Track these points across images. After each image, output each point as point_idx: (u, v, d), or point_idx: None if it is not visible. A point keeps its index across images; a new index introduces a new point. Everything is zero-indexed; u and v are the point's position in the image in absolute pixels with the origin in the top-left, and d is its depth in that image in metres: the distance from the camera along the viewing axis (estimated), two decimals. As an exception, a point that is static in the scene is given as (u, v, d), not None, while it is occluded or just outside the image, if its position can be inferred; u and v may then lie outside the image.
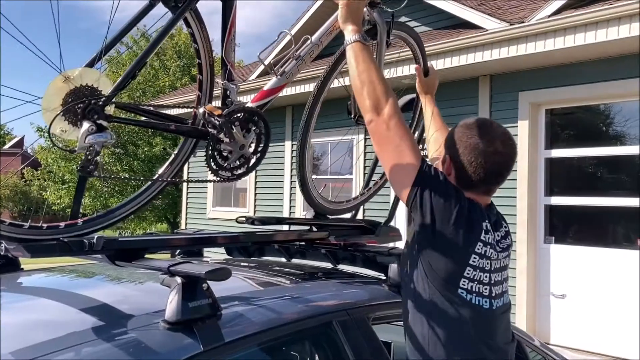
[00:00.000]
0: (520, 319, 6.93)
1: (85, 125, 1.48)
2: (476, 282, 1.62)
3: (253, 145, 1.94)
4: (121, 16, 1.70)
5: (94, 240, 1.58)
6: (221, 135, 1.82)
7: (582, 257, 6.72)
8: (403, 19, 8.74)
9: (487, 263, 1.64)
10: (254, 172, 2.20)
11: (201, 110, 1.85)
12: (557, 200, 7.06)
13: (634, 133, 6.65)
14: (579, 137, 7.13)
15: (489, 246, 1.64)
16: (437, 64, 7.23)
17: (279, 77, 2.07)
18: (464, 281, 1.61)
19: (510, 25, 6.68)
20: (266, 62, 2.11)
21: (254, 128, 1.93)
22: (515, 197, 7.06)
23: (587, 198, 6.79)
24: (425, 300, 1.66)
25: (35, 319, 1.58)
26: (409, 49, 2.68)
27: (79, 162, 1.55)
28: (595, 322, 6.53)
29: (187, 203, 12.38)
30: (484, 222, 1.65)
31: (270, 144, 2.02)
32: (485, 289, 1.64)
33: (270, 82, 2.07)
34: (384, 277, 2.25)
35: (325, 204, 2.44)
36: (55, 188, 21.18)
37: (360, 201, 2.70)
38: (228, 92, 1.92)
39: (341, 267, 2.57)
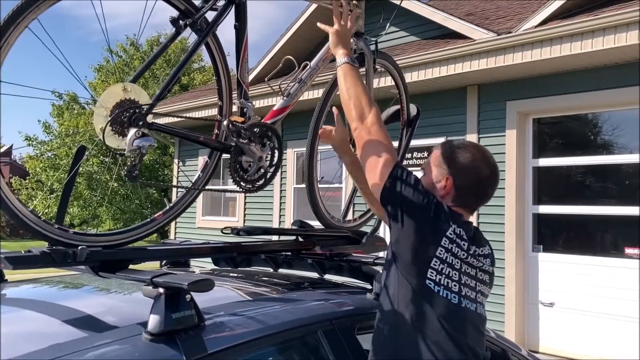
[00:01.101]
0: (509, 327, 6.95)
1: (132, 130, 1.65)
2: (444, 276, 1.69)
3: (269, 159, 2.12)
4: (110, 25, 1.83)
5: (78, 251, 1.58)
6: (244, 142, 1.99)
7: (570, 265, 6.76)
8: (393, 29, 8.79)
9: (457, 262, 1.71)
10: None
11: (225, 122, 2.00)
12: (545, 209, 7.10)
13: (621, 142, 6.72)
14: (567, 146, 7.19)
15: (455, 244, 1.71)
16: (426, 74, 7.30)
17: (285, 98, 2.27)
18: (432, 272, 1.69)
19: (498, 35, 6.74)
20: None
21: (269, 143, 2.11)
22: (504, 205, 7.10)
23: (575, 207, 6.84)
24: (395, 289, 1.75)
25: (18, 330, 1.56)
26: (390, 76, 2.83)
27: (126, 167, 1.70)
28: (584, 330, 6.56)
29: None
30: (452, 222, 1.73)
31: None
32: (455, 285, 1.70)
33: (278, 103, 2.27)
34: (370, 287, 2.26)
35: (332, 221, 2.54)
36: (43, 197, 21.04)
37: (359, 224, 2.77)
38: (245, 109, 2.09)
39: (329, 277, 2.57)
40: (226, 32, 2.13)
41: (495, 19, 7.95)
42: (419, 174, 1.90)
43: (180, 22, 1.82)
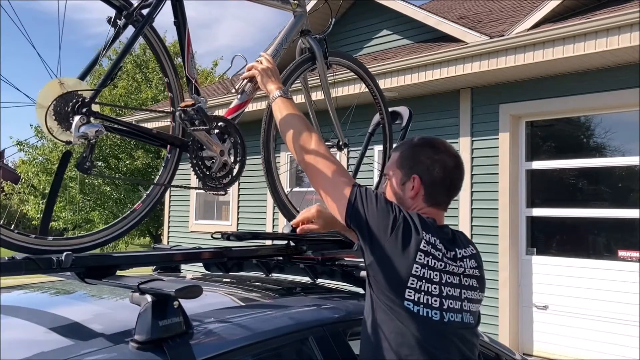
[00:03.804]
0: (502, 330, 6.94)
1: (76, 118, 1.62)
2: (423, 293, 1.61)
3: (232, 155, 2.06)
4: (103, 30, 1.88)
5: (63, 258, 1.54)
6: (198, 128, 1.91)
7: (564, 268, 6.76)
8: (385, 32, 8.80)
9: (436, 274, 1.63)
10: (236, 184, 2.28)
11: (177, 113, 1.95)
12: (539, 212, 7.10)
13: (614, 144, 6.74)
14: (560, 148, 7.19)
15: (430, 256, 1.63)
16: (419, 77, 7.29)
17: (239, 96, 2.25)
18: (410, 292, 1.60)
19: (491, 38, 6.75)
20: (233, 91, 2.29)
21: (230, 138, 2.06)
22: (497, 208, 7.10)
23: (568, 209, 6.85)
24: (373, 312, 1.68)
25: (4, 338, 1.53)
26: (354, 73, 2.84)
27: (76, 160, 1.67)
28: (577, 333, 6.56)
29: (169, 216, 12.28)
30: (424, 232, 1.65)
31: (248, 155, 2.13)
32: (435, 300, 1.62)
33: (234, 101, 2.25)
34: (363, 292, 2.23)
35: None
36: (35, 202, 20.92)
37: None
38: (197, 103, 2.03)
39: (322, 281, 2.54)
40: (219, 39, 2.14)
41: (488, 22, 7.97)
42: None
43: (118, 21, 1.82)
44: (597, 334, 6.40)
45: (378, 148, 7.80)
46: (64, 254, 1.54)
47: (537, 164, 7.14)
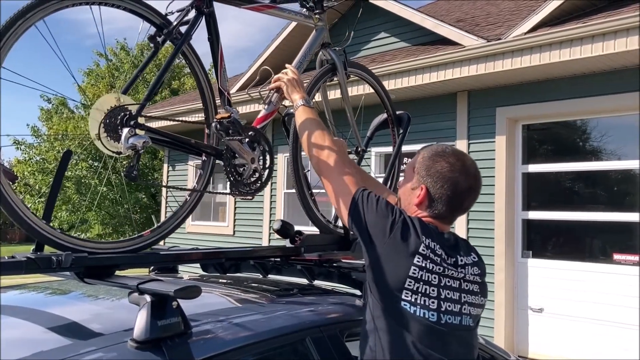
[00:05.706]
0: (498, 333, 6.96)
1: (125, 130, 1.73)
2: (420, 295, 1.63)
3: (261, 161, 2.20)
4: (106, 29, 2.01)
5: (62, 257, 1.55)
6: (233, 138, 2.06)
7: (560, 271, 6.78)
8: (382, 34, 8.81)
9: (434, 277, 1.65)
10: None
11: (213, 124, 2.08)
12: (535, 215, 7.12)
13: (610, 148, 6.77)
14: (556, 152, 7.22)
15: (429, 260, 1.65)
16: (416, 80, 7.31)
17: (266, 106, 2.33)
18: (407, 293, 1.63)
19: (488, 42, 6.77)
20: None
21: (259, 146, 2.19)
22: (493, 211, 7.11)
23: (564, 212, 6.87)
24: (371, 313, 1.71)
25: (3, 337, 1.54)
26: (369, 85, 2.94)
27: (125, 168, 1.79)
28: (573, 335, 6.58)
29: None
30: (424, 237, 1.68)
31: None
32: (433, 302, 1.64)
33: (262, 111, 2.34)
34: (360, 293, 2.24)
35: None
36: (30, 202, 20.85)
37: None
38: (230, 114, 2.16)
39: (319, 283, 2.55)
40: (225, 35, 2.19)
41: (486, 26, 7.99)
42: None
43: (158, 38, 1.94)
44: (592, 337, 6.41)
45: (375, 150, 7.84)
46: (64, 253, 1.55)
47: (534, 167, 7.17)
